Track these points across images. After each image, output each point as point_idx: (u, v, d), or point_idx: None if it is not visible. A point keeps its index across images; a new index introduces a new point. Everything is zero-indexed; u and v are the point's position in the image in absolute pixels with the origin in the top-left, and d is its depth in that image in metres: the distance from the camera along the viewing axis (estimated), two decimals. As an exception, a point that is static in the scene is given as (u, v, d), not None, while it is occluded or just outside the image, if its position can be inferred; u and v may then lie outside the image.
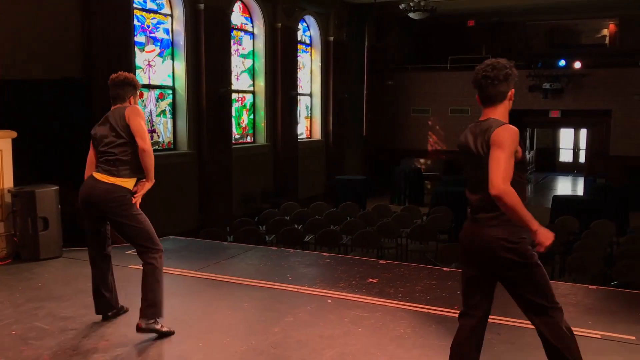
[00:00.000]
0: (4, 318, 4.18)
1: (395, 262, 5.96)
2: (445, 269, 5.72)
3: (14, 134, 5.88)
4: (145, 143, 3.85)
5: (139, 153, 3.86)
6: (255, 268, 5.68)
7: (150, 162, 3.89)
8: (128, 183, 3.92)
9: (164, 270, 4.28)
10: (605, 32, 22.17)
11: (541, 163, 24.99)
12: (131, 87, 4.07)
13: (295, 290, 4.89)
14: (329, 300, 4.65)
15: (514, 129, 2.84)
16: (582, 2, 16.77)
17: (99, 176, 3.91)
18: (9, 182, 5.81)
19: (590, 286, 5.32)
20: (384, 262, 5.91)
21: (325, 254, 6.49)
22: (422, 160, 19.02)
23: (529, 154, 23.56)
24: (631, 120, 16.74)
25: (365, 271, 5.53)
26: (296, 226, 10.10)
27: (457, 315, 4.12)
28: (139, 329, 3.81)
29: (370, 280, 5.23)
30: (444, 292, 4.92)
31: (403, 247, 9.52)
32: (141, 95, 11.08)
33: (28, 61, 8.06)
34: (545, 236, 2.73)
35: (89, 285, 4.89)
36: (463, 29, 19.96)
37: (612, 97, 16.75)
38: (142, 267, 3.91)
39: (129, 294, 4.53)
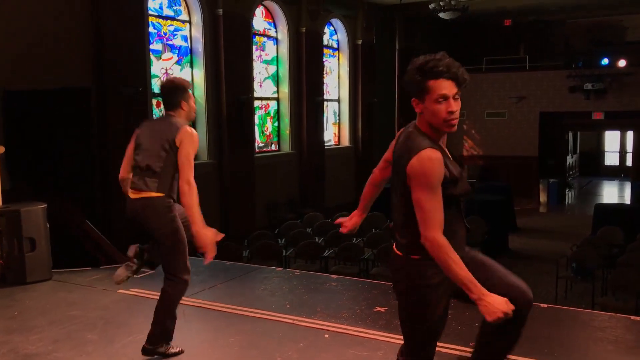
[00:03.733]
0: (-36, 355, 3.80)
1: (410, 286, 5.37)
2: (465, 294, 5.09)
3: (2, 149, 5.56)
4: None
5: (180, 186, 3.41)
6: (253, 294, 5.19)
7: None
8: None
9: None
10: (654, 28, 20.94)
11: (585, 167, 23.84)
12: (180, 91, 3.57)
13: (291, 321, 4.37)
14: (326, 335, 4.11)
15: None
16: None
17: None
18: (-4, 200, 5.48)
19: (633, 317, 4.62)
20: (397, 286, 5.33)
21: (333, 275, 5.95)
22: (457, 166, 18.24)
23: (572, 158, 22.47)
24: (681, 122, 15.66)
25: (374, 297, 4.97)
26: (317, 239, 9.60)
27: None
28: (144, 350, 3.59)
29: (378, 308, 4.67)
30: (460, 324, 4.32)
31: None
32: (159, 105, 10.79)
33: (36, 71, 7.81)
34: None
35: (68, 315, 4.51)
36: (499, 29, 19.13)
37: (660, 96, 15.70)
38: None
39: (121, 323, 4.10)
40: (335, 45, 15.83)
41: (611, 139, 24.22)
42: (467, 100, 18.19)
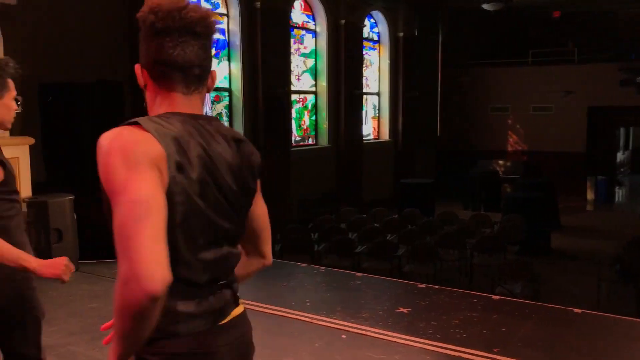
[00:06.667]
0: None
1: (437, 287, 5.19)
2: (494, 297, 4.90)
3: (32, 141, 5.63)
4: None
5: None
6: (274, 289, 5.11)
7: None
8: None
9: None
10: None
11: (638, 164, 22.84)
12: None
13: (309, 320, 4.27)
14: (344, 336, 3.99)
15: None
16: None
17: None
18: (26, 191, 5.55)
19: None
20: (423, 286, 5.17)
21: (357, 273, 5.82)
22: (500, 162, 17.79)
23: (623, 154, 21.58)
24: None
25: (398, 297, 4.82)
26: (350, 235, 9.46)
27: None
28: None
29: (401, 309, 4.52)
30: (485, 328, 4.14)
31: (468, 261, 8.63)
32: (195, 98, 10.83)
33: (71, 64, 7.91)
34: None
35: (88, 307, 4.53)
36: (546, 21, 18.48)
37: None
38: None
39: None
40: (375, 38, 15.60)
41: (667, 135, 23.15)
42: (512, 94, 17.69)
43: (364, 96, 14.83)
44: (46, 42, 7.66)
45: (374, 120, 15.80)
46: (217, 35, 10.84)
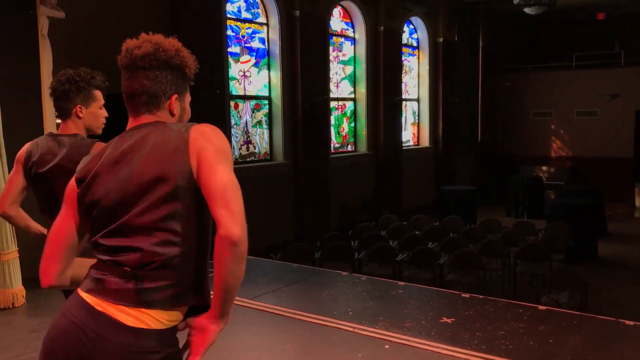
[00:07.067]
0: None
1: (481, 297, 5.09)
2: (540, 307, 4.78)
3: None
4: None
5: None
6: (315, 298, 5.10)
7: None
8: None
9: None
10: None
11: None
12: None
13: (351, 329, 4.25)
14: (387, 346, 3.95)
15: None
16: None
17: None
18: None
19: None
20: (467, 295, 5.08)
21: (400, 282, 5.76)
22: (544, 168, 17.41)
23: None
24: None
25: (442, 307, 4.75)
26: (391, 242, 9.40)
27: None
28: None
29: (445, 319, 4.45)
30: (532, 339, 4.04)
31: (512, 269, 8.47)
32: (236, 107, 10.95)
33: (118, 75, 8.11)
34: None
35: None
36: (590, 23, 18.05)
37: None
38: None
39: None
40: (415, 44, 15.52)
41: None
42: (556, 99, 17.33)
43: (404, 102, 14.76)
44: (95, 54, 7.85)
45: (414, 127, 15.70)
46: (257, 45, 10.89)
